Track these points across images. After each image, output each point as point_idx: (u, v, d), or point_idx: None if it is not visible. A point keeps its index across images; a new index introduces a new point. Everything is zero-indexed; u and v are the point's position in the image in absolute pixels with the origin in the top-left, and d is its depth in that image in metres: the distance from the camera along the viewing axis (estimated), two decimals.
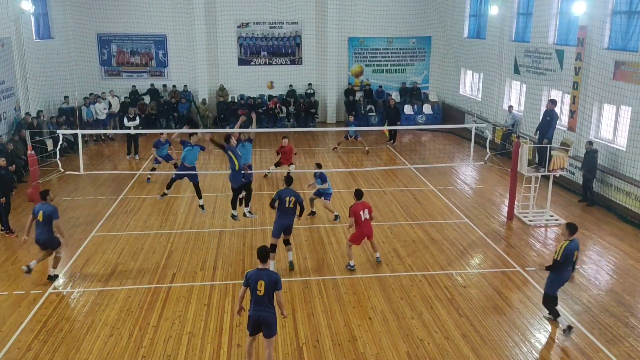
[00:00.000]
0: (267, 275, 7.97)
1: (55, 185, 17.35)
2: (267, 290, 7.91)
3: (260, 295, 7.92)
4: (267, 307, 8.01)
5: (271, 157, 21.05)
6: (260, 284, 7.91)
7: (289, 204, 11.31)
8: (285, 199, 11.29)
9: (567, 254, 9.20)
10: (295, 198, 11.33)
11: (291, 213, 11.42)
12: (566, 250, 9.18)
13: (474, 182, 18.49)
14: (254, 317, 8.05)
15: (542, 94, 19.73)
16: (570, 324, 9.52)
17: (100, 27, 26.26)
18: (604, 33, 16.31)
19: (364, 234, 11.67)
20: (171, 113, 26.00)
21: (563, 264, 9.24)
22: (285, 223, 11.46)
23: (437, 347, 9.17)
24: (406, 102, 27.69)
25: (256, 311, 8.02)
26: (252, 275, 8.03)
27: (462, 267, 12.12)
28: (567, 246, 9.20)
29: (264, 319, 8.03)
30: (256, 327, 8.14)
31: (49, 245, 11.14)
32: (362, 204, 11.62)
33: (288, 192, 11.37)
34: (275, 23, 27.28)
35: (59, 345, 9.21)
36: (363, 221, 11.54)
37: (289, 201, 11.29)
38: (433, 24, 27.76)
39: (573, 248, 9.26)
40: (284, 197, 11.30)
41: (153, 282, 11.34)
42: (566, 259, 9.21)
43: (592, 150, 15.53)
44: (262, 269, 8.04)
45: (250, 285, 8.00)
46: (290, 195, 11.32)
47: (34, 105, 21.72)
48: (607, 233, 13.93)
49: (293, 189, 11.54)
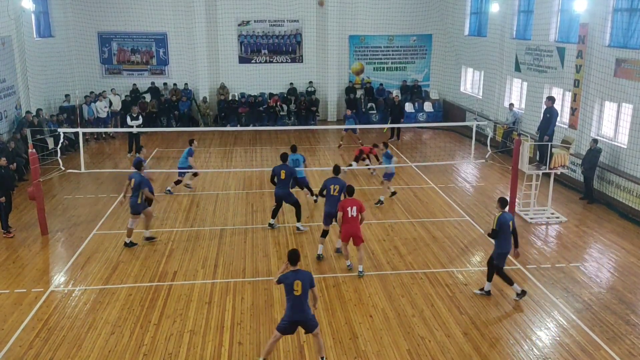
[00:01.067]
0: (302, 275, 8.04)
1: (56, 183, 17.36)
2: (304, 289, 7.98)
3: (297, 295, 7.97)
4: (306, 308, 8.08)
5: (272, 157, 21.08)
6: (297, 283, 7.96)
7: (334, 192, 12.06)
8: (330, 187, 12.10)
9: (502, 223, 10.18)
10: (340, 186, 12.04)
11: (336, 200, 11.98)
12: (500, 220, 10.20)
13: (475, 179, 18.48)
14: (293, 320, 8.11)
15: (543, 92, 19.69)
16: (524, 289, 10.51)
17: (101, 25, 26.25)
18: (605, 30, 16.28)
19: (350, 231, 11.31)
20: (172, 111, 26.00)
21: (501, 233, 10.19)
22: (331, 210, 12.02)
23: (438, 344, 9.17)
24: (407, 100, 27.66)
25: (295, 314, 8.07)
26: (286, 277, 8.06)
27: (463, 264, 12.12)
28: (500, 217, 10.22)
29: (303, 320, 8.12)
30: (292, 328, 8.20)
31: (133, 210, 12.42)
32: (351, 201, 11.37)
33: (334, 181, 12.20)
34: (275, 21, 27.25)
35: (60, 343, 9.23)
36: (349, 218, 11.22)
37: (334, 189, 12.06)
38: (434, 22, 27.73)
39: (507, 219, 10.26)
40: (329, 185, 12.14)
41: (154, 280, 11.35)
42: (501, 228, 10.17)
43: (596, 149, 15.47)
44: (295, 270, 8.10)
45: (286, 287, 8.03)
46: (335, 183, 12.12)
47: (34, 103, 21.73)
48: (608, 230, 13.92)
49: (340, 178, 12.32)
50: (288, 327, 8.21)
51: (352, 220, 11.27)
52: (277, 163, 13.88)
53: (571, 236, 13.61)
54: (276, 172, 13.39)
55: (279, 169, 13.38)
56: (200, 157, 21.09)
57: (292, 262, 8.13)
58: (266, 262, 12.19)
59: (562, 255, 12.58)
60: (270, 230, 13.91)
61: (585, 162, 15.73)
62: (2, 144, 17.32)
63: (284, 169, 13.33)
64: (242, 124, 26.26)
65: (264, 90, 27.58)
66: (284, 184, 13.42)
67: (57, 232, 13.88)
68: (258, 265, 12.01)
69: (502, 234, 10.22)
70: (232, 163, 20.31)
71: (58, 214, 15.06)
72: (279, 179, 13.34)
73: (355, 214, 11.26)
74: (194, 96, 26.89)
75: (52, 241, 13.38)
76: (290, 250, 8.23)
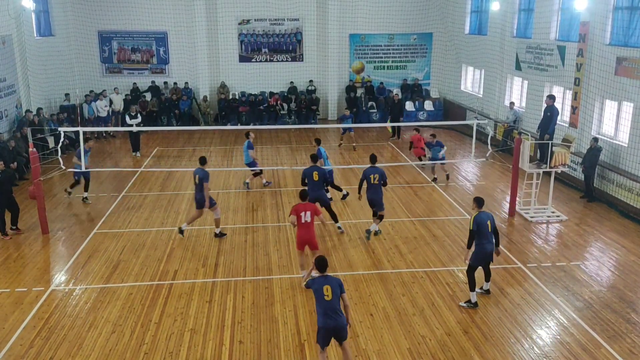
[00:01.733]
0: (331, 280, 7.85)
1: (57, 182, 17.36)
2: (334, 293, 7.76)
3: (328, 300, 7.73)
4: (339, 313, 7.79)
5: (273, 156, 21.08)
6: (327, 288, 7.75)
7: (374, 180, 12.65)
8: (370, 176, 12.69)
9: (479, 223, 9.85)
10: (380, 175, 12.69)
11: (377, 188, 12.71)
12: (476, 219, 9.89)
13: (476, 178, 18.48)
14: (327, 327, 7.79)
15: (543, 90, 19.68)
16: (477, 302, 10.19)
17: (101, 24, 26.25)
18: (606, 29, 16.26)
19: (303, 238, 10.77)
20: (172, 110, 26.00)
21: (478, 233, 9.87)
22: (371, 197, 12.76)
23: (439, 343, 9.17)
24: (407, 98, 27.64)
25: (328, 320, 7.77)
26: (314, 282, 7.90)
27: (464, 263, 12.09)
28: (476, 217, 9.93)
29: (337, 327, 7.80)
30: (329, 337, 7.91)
31: (200, 204, 12.86)
32: (304, 205, 10.76)
33: (373, 170, 12.80)
34: (276, 20, 27.24)
35: (61, 342, 9.24)
36: (303, 224, 10.66)
37: (374, 178, 12.67)
38: (434, 20, 27.71)
39: (484, 218, 9.95)
40: (368, 174, 12.74)
41: (155, 279, 11.36)
42: (479, 228, 9.84)
43: (596, 148, 15.46)
44: (324, 276, 7.93)
45: (316, 293, 7.81)
46: (374, 172, 12.74)
47: (35, 102, 21.73)
48: (608, 229, 13.92)
49: (377, 167, 12.92)
50: (323, 337, 7.90)
51: (306, 226, 10.72)
52: (278, 162, 13.85)
53: (572, 235, 13.61)
54: (307, 173, 13.06)
55: (311, 170, 13.04)
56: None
57: (321, 269, 7.95)
58: (267, 260, 12.19)
59: (563, 253, 12.58)
60: (270, 229, 13.91)
61: (585, 161, 15.72)
62: (3, 143, 17.32)
63: (316, 170, 12.99)
64: (242, 123, 26.25)
65: (265, 89, 27.57)
66: (318, 185, 13.00)
67: (58, 231, 13.89)
68: (259, 264, 12.02)
69: (479, 234, 9.89)
70: (233, 162, 20.31)
71: (59, 213, 15.07)
72: (311, 181, 12.92)
73: (310, 220, 10.70)
74: (194, 95, 26.89)
75: (53, 240, 13.39)
76: (319, 257, 8.06)
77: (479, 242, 9.97)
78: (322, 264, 7.98)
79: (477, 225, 9.85)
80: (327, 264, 8.01)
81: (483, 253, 10.03)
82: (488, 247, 10.00)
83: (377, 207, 12.98)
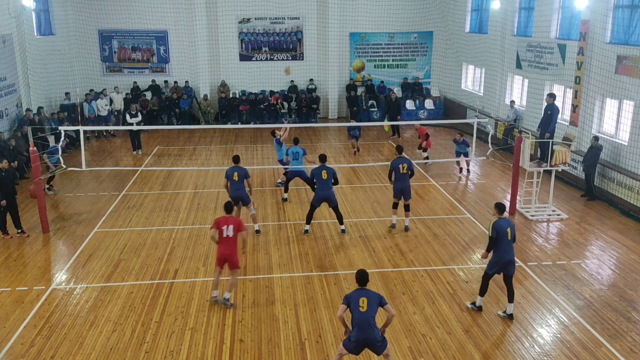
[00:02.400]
0: (368, 293, 7.68)
1: (57, 181, 17.35)
2: (370, 306, 7.56)
3: (363, 311, 7.54)
4: (373, 327, 7.57)
5: (273, 154, 21.06)
6: (363, 300, 7.58)
7: (402, 170, 13.11)
8: (398, 167, 13.09)
9: (498, 230, 9.48)
10: (408, 165, 13.16)
11: (406, 178, 13.21)
12: (495, 226, 9.49)
13: (476, 177, 18.47)
14: (359, 339, 7.60)
15: (544, 89, 19.67)
16: (481, 305, 10.02)
17: (102, 23, 26.24)
18: (606, 27, 16.24)
19: (223, 254, 10.03)
20: (173, 109, 26.00)
21: (497, 240, 9.49)
22: (401, 186, 13.22)
23: (439, 342, 9.18)
24: (408, 97, 27.64)
25: (361, 332, 7.57)
26: (351, 294, 7.71)
27: (464, 262, 12.12)
28: (495, 223, 9.53)
29: (370, 340, 7.60)
30: (361, 349, 7.77)
31: (241, 200, 13.10)
32: (225, 219, 10.01)
33: (401, 160, 13.19)
34: (276, 18, 27.22)
35: (62, 341, 9.24)
36: (225, 238, 9.91)
37: (402, 167, 13.10)
38: (435, 19, 27.69)
39: (504, 225, 9.54)
40: (397, 165, 13.11)
41: (155, 278, 11.36)
42: (498, 235, 9.48)
43: (597, 147, 15.45)
44: (362, 289, 7.75)
45: (351, 304, 7.62)
46: (402, 162, 13.15)
47: (35, 101, 21.73)
48: (609, 228, 13.91)
49: (405, 157, 13.36)
50: (354, 348, 7.73)
51: (227, 241, 9.96)
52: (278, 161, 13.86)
53: (572, 233, 13.61)
54: (316, 173, 13.12)
55: (319, 169, 13.10)
56: (202, 155, 21.10)
57: (361, 283, 7.75)
58: (267, 259, 12.20)
59: (563, 252, 12.58)
60: (271, 228, 13.92)
61: (586, 160, 15.72)
62: (3, 142, 17.32)
63: (325, 169, 13.07)
64: (242, 121, 26.25)
65: (265, 88, 27.57)
66: (327, 185, 13.03)
67: (59, 230, 13.89)
68: (259, 263, 12.02)
69: (498, 241, 9.53)
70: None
71: (59, 212, 15.07)
72: (320, 180, 13.03)
73: (232, 234, 9.91)
74: (194, 94, 26.87)
75: (54, 239, 13.39)
76: (359, 271, 7.83)
77: (497, 249, 9.59)
78: (362, 278, 7.77)
79: (497, 232, 9.48)
80: (367, 278, 7.78)
81: (501, 262, 9.61)
82: (506, 256, 9.57)
83: (407, 197, 13.47)
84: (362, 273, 7.81)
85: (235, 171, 13.17)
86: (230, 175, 13.12)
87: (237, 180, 13.08)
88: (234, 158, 13.61)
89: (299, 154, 15.22)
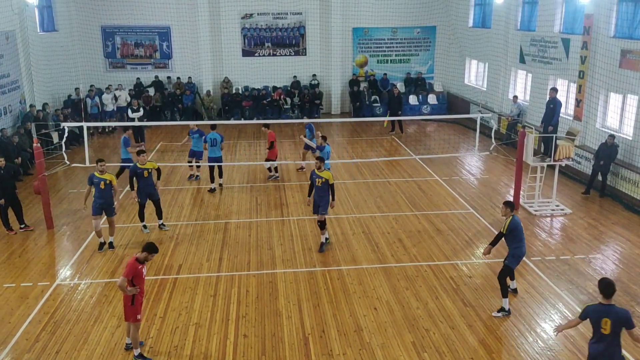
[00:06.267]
0: (614, 313, 6.91)
1: (61, 177, 17.41)
2: (614, 330, 6.88)
3: (605, 334, 6.90)
4: (616, 347, 6.98)
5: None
6: (606, 322, 6.86)
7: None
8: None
9: (517, 226, 9.68)
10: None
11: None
12: (514, 222, 9.66)
13: (479, 172, 18.45)
14: (595, 354, 7.07)
15: (547, 84, 19.59)
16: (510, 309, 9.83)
17: (104, 19, 26.24)
18: (610, 21, 16.17)
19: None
20: (176, 105, 26.00)
21: (514, 236, 9.68)
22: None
23: (443, 337, 9.19)
24: (411, 92, 27.59)
25: (599, 348, 7.01)
26: (593, 310, 7.06)
27: (468, 257, 12.12)
28: (514, 220, 9.69)
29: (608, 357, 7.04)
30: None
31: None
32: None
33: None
34: (279, 14, 27.17)
35: (66, 336, 9.29)
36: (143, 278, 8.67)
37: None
38: (438, 14, 27.57)
39: (519, 221, 9.81)
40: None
41: (159, 274, 11.40)
42: (516, 231, 9.66)
43: (614, 145, 15.09)
44: (608, 304, 6.98)
45: (592, 320, 7.04)
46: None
47: (39, 98, 21.76)
48: (613, 222, 13.89)
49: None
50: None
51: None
52: (281, 156, 13.86)
53: (576, 228, 13.58)
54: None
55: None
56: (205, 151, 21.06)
57: (606, 295, 6.98)
58: (271, 255, 12.22)
59: (567, 247, 12.56)
60: (274, 223, 13.93)
61: (602, 157, 15.13)
62: (7, 139, 17.37)
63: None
64: (245, 117, 26.25)
65: (268, 84, 27.54)
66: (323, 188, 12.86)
67: (63, 226, 13.94)
68: (263, 258, 12.05)
69: (516, 237, 9.71)
70: (236, 156, 20.33)
71: (63, 208, 15.11)
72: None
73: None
74: (197, 90, 26.88)
75: (58, 235, 13.44)
76: (604, 280, 7.07)
77: (518, 245, 9.75)
78: (607, 289, 6.96)
79: (512, 230, 9.60)
80: (614, 289, 6.98)
81: (521, 255, 9.86)
82: (524, 249, 9.88)
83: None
84: (607, 283, 7.03)
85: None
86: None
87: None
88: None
89: (217, 141, 15.86)
